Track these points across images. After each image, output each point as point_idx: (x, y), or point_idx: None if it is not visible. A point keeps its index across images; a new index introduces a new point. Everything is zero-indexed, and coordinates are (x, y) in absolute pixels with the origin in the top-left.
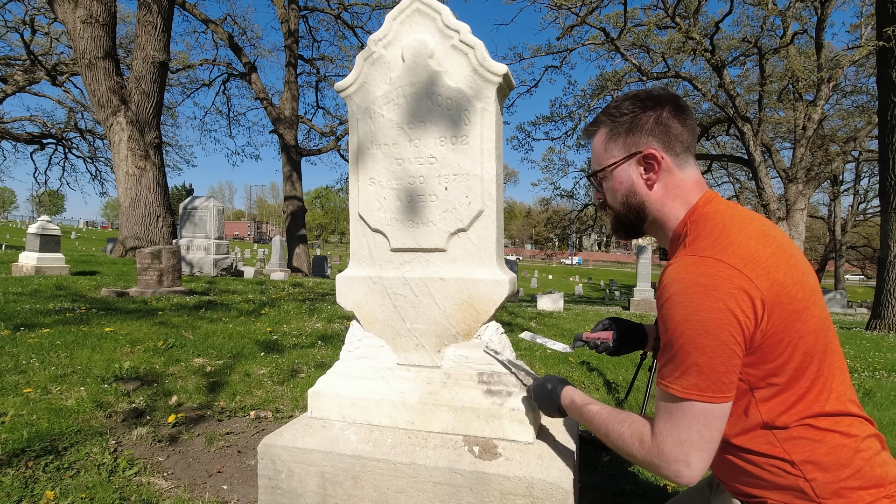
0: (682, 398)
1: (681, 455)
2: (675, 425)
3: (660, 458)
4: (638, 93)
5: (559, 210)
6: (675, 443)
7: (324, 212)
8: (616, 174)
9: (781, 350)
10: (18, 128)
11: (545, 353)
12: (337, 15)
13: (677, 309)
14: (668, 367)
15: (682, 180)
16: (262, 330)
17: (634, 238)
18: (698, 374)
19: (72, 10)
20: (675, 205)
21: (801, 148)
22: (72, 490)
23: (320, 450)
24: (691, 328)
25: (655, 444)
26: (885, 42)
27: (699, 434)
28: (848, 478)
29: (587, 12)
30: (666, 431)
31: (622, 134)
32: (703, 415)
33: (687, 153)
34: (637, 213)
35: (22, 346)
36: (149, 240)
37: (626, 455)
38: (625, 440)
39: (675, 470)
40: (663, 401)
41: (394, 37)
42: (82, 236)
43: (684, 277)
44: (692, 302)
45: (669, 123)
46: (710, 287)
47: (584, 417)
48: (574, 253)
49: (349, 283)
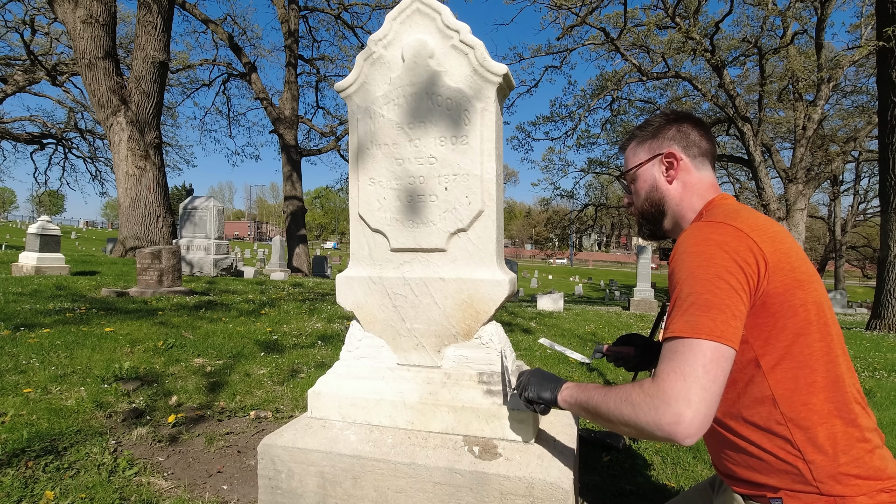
0: (689, 337)
1: (682, 391)
2: (679, 361)
3: (660, 397)
4: (665, 110)
5: (559, 210)
6: (678, 377)
7: (324, 212)
8: (641, 173)
9: (782, 313)
10: (18, 128)
11: (545, 353)
12: (337, 15)
13: (690, 258)
14: (676, 315)
15: (699, 180)
16: (262, 330)
17: (657, 238)
18: (706, 314)
19: (72, 10)
20: (692, 200)
21: (801, 148)
22: (72, 490)
23: (320, 450)
24: (702, 274)
25: (657, 384)
26: (885, 42)
27: (704, 369)
28: (847, 464)
29: (587, 12)
30: (669, 369)
31: (648, 140)
32: (710, 351)
33: (703, 158)
34: (658, 207)
35: (22, 346)
36: (149, 240)
37: (628, 417)
38: (625, 397)
39: (675, 412)
40: (667, 347)
41: (394, 37)
42: (82, 236)
43: (696, 235)
44: (703, 252)
45: (689, 132)
46: (721, 242)
47: (586, 405)
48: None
49: (349, 283)
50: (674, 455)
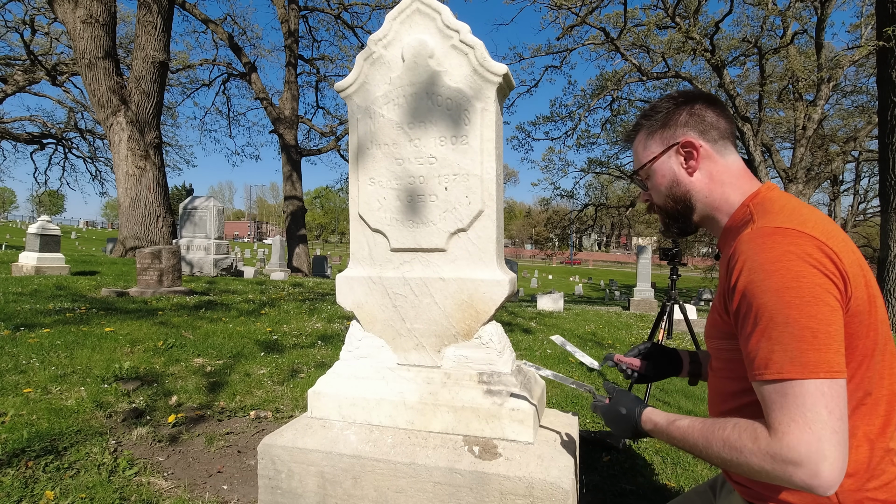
0: (801, 378)
1: (812, 443)
2: (797, 408)
3: (786, 453)
4: (670, 93)
5: (559, 210)
6: (803, 428)
7: (324, 212)
8: (657, 168)
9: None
10: (18, 128)
11: (545, 353)
12: (337, 15)
13: (770, 278)
14: (771, 349)
15: (726, 166)
16: (262, 330)
17: (687, 235)
18: (813, 346)
19: (72, 10)
20: (724, 190)
21: (801, 148)
22: (72, 490)
23: (320, 450)
24: (794, 297)
25: (778, 438)
26: (885, 42)
27: (828, 411)
28: (875, 488)
29: (587, 12)
30: (787, 418)
31: (658, 130)
32: (828, 388)
33: (725, 141)
34: (683, 203)
35: (22, 346)
36: (149, 240)
37: (737, 465)
38: (732, 443)
39: (811, 470)
40: (771, 390)
41: (394, 37)
42: (82, 236)
43: (768, 246)
44: (788, 270)
45: (703, 114)
46: (803, 254)
47: (674, 437)
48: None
49: (349, 283)
50: (674, 455)
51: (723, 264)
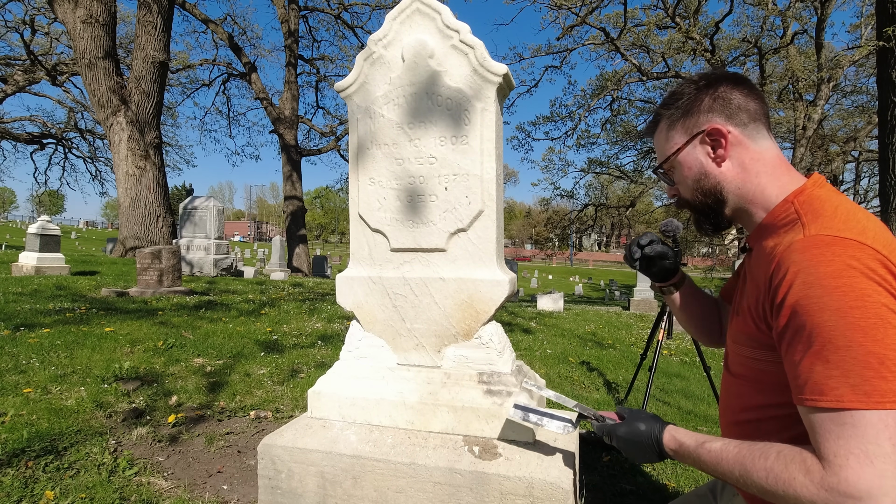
0: (864, 408)
1: (875, 480)
2: (858, 440)
3: (843, 484)
4: (691, 76)
5: (559, 210)
6: (864, 462)
7: (324, 212)
8: (682, 160)
9: None
10: (18, 128)
11: (545, 353)
12: (337, 15)
13: (829, 295)
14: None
15: (760, 154)
16: (262, 330)
17: (721, 230)
18: (878, 373)
19: (72, 10)
20: (759, 181)
21: (801, 148)
22: (72, 490)
23: (320, 450)
24: (857, 317)
25: (834, 472)
26: (885, 42)
27: (892, 443)
28: None
29: (587, 12)
30: (845, 450)
31: (680, 118)
32: (893, 421)
33: (756, 124)
34: (714, 196)
35: (22, 346)
36: (149, 240)
37: (782, 497)
38: (778, 474)
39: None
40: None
41: (394, 37)
42: (82, 236)
43: (829, 260)
44: (852, 287)
45: (729, 96)
46: (865, 270)
47: (703, 461)
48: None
49: (349, 283)
50: None
51: (759, 267)
